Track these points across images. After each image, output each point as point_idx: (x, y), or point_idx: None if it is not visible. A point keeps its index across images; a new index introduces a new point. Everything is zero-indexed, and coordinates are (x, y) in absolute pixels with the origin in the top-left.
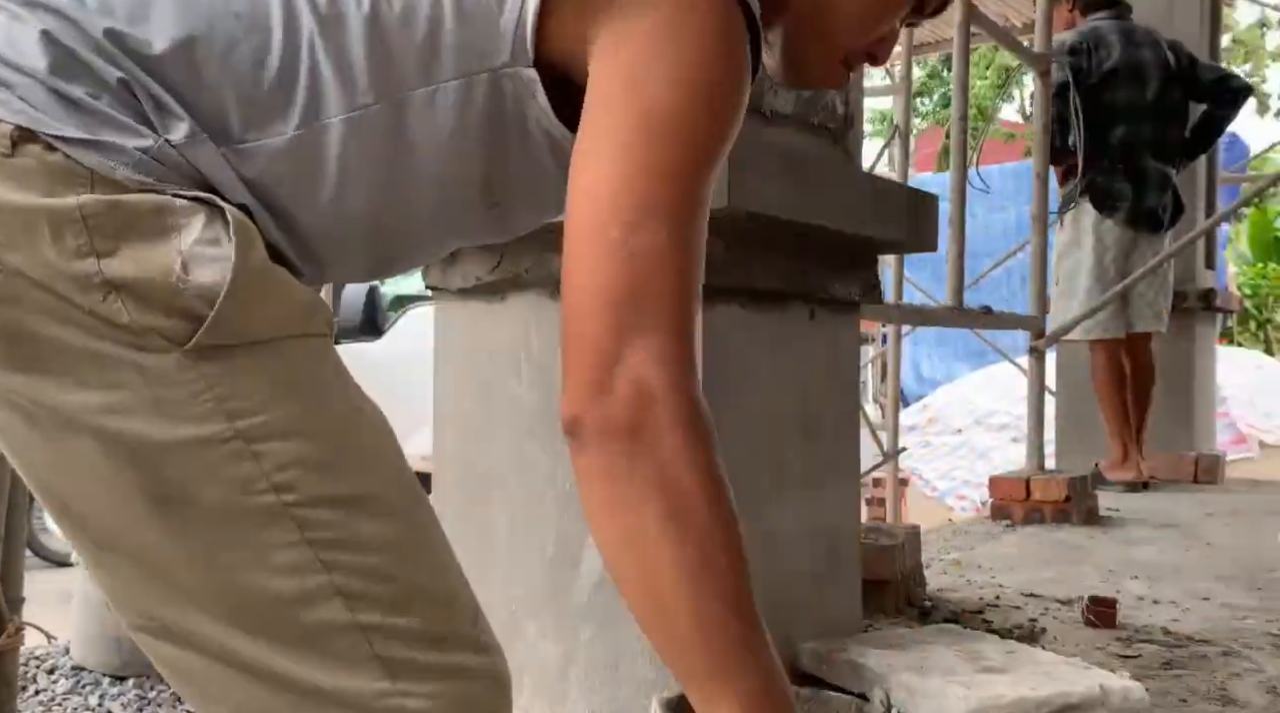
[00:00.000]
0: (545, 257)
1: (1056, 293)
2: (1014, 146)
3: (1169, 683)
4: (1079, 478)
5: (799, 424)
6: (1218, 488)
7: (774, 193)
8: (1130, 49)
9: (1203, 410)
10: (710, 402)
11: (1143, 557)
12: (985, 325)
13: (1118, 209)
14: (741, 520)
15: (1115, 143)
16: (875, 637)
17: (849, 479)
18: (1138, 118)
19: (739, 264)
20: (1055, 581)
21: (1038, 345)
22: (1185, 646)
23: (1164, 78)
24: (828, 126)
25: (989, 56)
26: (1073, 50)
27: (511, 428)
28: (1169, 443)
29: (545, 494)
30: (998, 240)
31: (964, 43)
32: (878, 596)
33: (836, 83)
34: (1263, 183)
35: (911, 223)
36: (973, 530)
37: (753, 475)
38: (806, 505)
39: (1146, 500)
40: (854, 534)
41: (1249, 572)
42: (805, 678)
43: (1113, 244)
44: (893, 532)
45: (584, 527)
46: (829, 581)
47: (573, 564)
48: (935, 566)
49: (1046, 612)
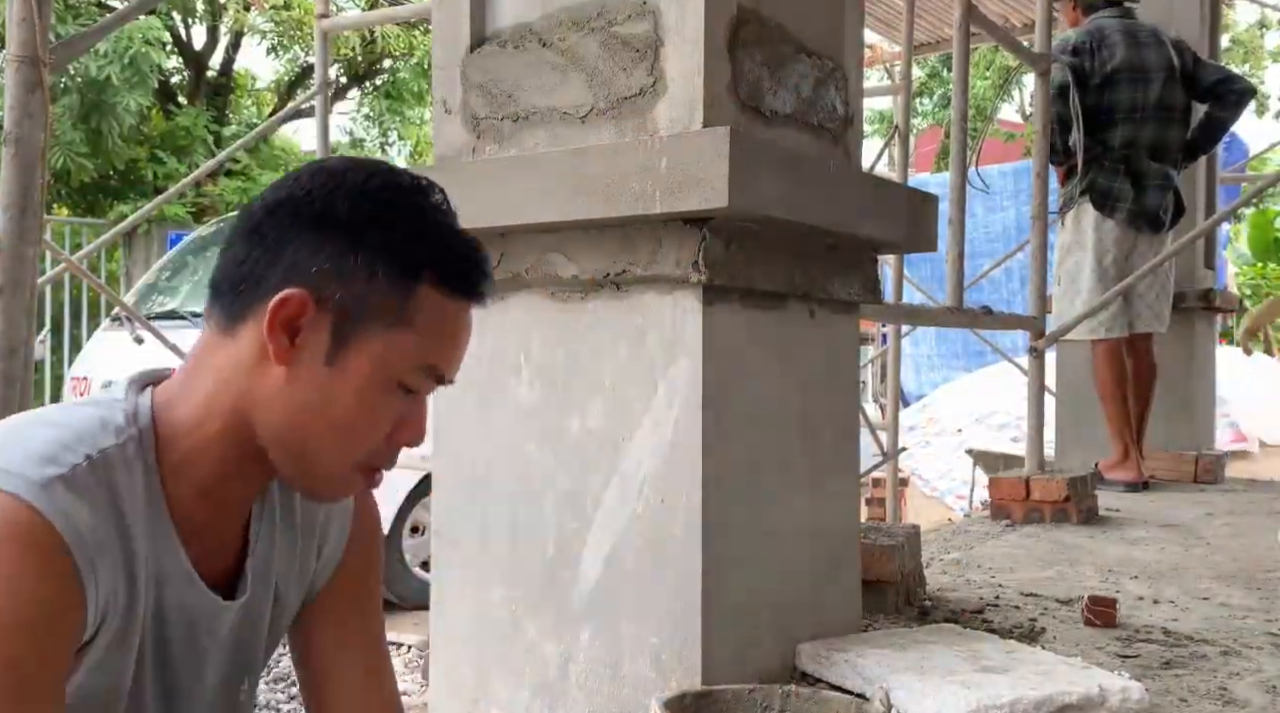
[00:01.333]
0: (545, 257)
1: (1059, 293)
2: (1014, 146)
3: (1169, 683)
4: (1079, 478)
5: (799, 424)
6: (1217, 488)
7: (774, 193)
8: (1134, 49)
9: (1203, 410)
10: (711, 402)
11: (1143, 556)
12: (985, 325)
13: (1118, 209)
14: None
15: (1116, 143)
16: (875, 637)
17: (849, 479)
18: (1140, 118)
19: (739, 264)
20: (1055, 580)
21: (1038, 345)
22: (1185, 645)
23: (1167, 78)
24: (827, 127)
25: (989, 56)
26: (1075, 50)
27: (511, 428)
28: (1169, 443)
29: (545, 494)
30: (997, 240)
31: (964, 43)
32: (878, 596)
33: (355, 489)
34: (1263, 183)
35: (911, 223)
36: (972, 530)
37: (752, 475)
38: (806, 505)
39: (1146, 500)
40: (854, 534)
41: (1248, 572)
42: (805, 678)
43: (1113, 245)
44: (892, 532)
45: (584, 526)
46: (829, 581)
47: (573, 564)
48: (935, 565)
49: (1046, 612)
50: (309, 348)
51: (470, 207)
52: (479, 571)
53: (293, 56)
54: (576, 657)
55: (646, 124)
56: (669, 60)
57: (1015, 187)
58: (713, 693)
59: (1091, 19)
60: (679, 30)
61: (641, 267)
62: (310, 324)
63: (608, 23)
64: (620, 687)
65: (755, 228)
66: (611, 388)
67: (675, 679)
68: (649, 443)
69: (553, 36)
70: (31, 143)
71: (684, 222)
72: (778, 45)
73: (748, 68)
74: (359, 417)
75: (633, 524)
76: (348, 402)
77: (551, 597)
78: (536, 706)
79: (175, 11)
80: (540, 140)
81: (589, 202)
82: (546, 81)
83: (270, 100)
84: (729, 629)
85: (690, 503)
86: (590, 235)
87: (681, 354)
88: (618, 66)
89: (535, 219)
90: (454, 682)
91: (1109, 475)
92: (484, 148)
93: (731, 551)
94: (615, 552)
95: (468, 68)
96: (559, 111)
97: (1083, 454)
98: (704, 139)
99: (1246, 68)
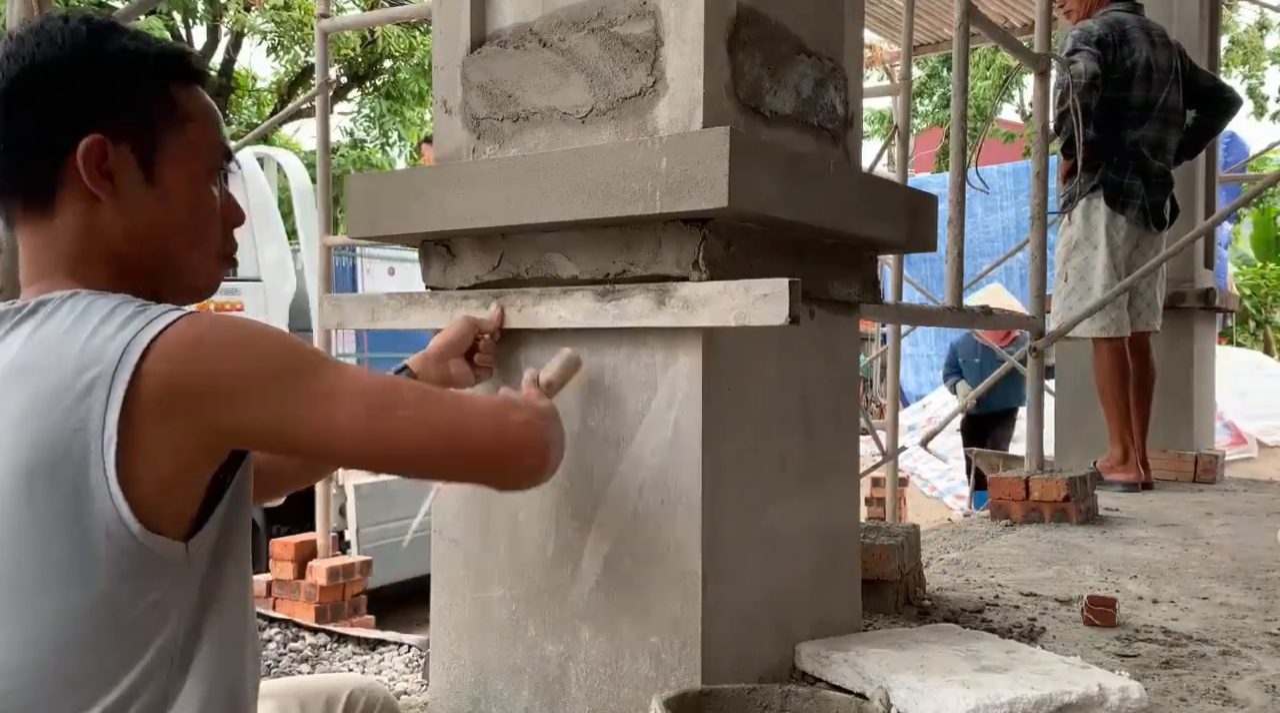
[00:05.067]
0: (545, 257)
1: (1065, 290)
2: (1014, 146)
3: (1168, 682)
4: (1078, 478)
5: (799, 423)
6: (1217, 488)
7: (774, 193)
8: (1150, 48)
9: (1202, 410)
10: (710, 401)
11: (1142, 556)
12: (985, 326)
13: (1129, 206)
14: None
15: (1127, 140)
16: (875, 636)
17: (849, 478)
18: (1148, 117)
19: (739, 264)
20: (1054, 580)
21: (1038, 345)
22: (1184, 645)
23: (1173, 80)
24: (827, 127)
25: (989, 56)
26: (1100, 42)
27: None
28: (1168, 443)
29: (545, 494)
30: (997, 240)
31: (964, 43)
32: (878, 595)
33: (221, 277)
34: (1263, 183)
35: (911, 223)
36: (972, 530)
37: (753, 474)
38: (807, 505)
39: (1145, 500)
40: (854, 533)
41: (1248, 572)
42: (805, 678)
43: (1123, 242)
44: (892, 531)
45: (584, 526)
46: (829, 580)
47: (573, 564)
48: (935, 565)
49: (1045, 611)
50: (126, 178)
51: (470, 206)
52: (479, 570)
53: (293, 57)
54: (576, 657)
55: (646, 124)
56: (669, 60)
57: (1015, 186)
58: (713, 693)
59: (1105, 11)
60: (679, 30)
61: (642, 266)
62: (116, 161)
63: (608, 23)
64: (620, 687)
65: (755, 228)
66: (611, 387)
67: (675, 679)
68: (649, 443)
69: (553, 37)
70: None
71: (684, 222)
72: (778, 45)
73: (748, 68)
74: (196, 213)
75: (633, 524)
76: (181, 205)
77: (552, 596)
78: (536, 705)
79: (176, 11)
80: (540, 140)
81: (589, 202)
82: (547, 82)
83: (270, 100)
84: (729, 629)
85: (690, 503)
86: (590, 235)
87: (681, 354)
88: (618, 67)
89: (535, 219)
90: (454, 681)
91: (1108, 476)
92: (484, 148)
93: (731, 550)
94: (615, 552)
95: (468, 68)
96: (559, 112)
97: (1082, 454)
98: (704, 139)
99: (1246, 68)
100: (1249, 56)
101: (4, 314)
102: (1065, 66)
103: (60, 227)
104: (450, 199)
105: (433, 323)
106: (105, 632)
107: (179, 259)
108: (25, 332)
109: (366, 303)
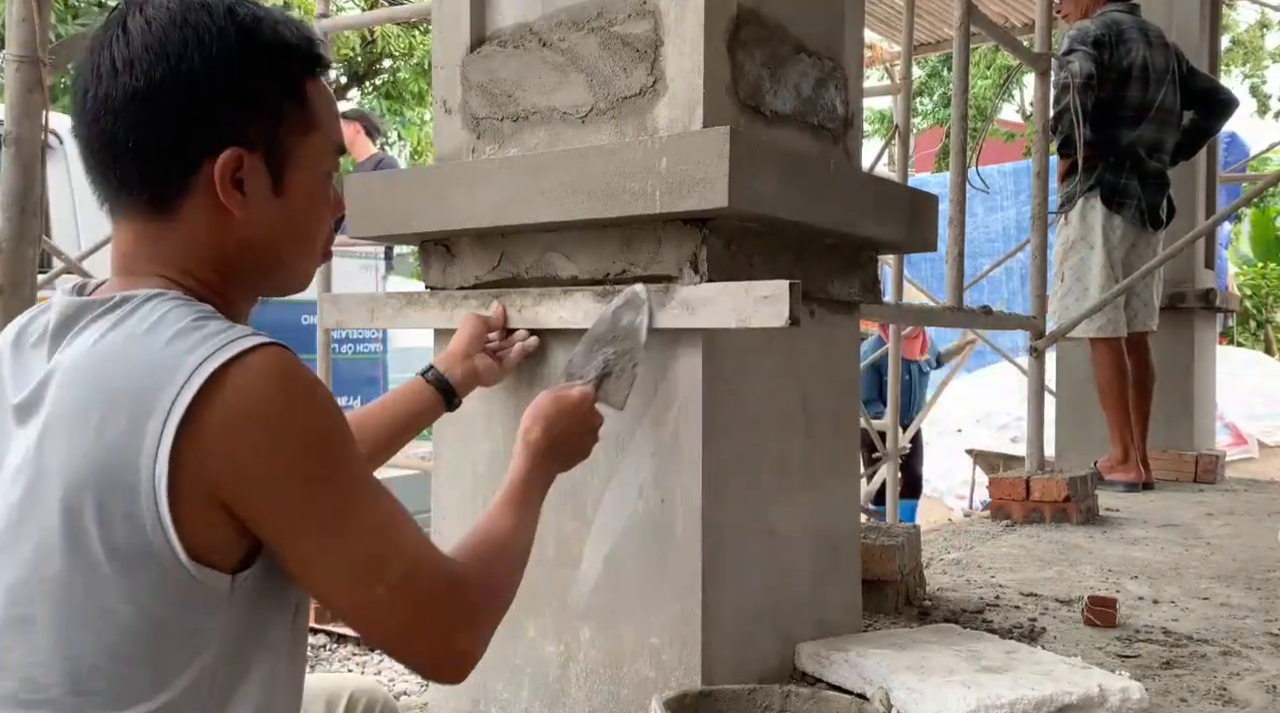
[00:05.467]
0: (545, 257)
1: (1062, 290)
2: (1014, 146)
3: (1169, 683)
4: (1078, 478)
5: (799, 424)
6: (1217, 488)
7: (774, 193)
8: (1147, 49)
9: (1202, 410)
10: (711, 402)
11: (1142, 556)
12: (985, 325)
13: (1126, 206)
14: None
15: (1124, 140)
16: (875, 637)
17: (849, 479)
18: (1145, 118)
19: (739, 264)
20: (1055, 580)
21: (1038, 345)
22: (1185, 645)
23: (1170, 81)
24: (827, 126)
25: (989, 56)
26: (1096, 43)
27: (511, 428)
28: (1169, 443)
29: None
30: (997, 240)
31: (964, 43)
32: (878, 596)
33: (315, 266)
34: (1263, 183)
35: (911, 223)
36: (973, 530)
37: (753, 475)
38: (806, 505)
39: (1146, 500)
40: (854, 534)
41: (1248, 572)
42: (805, 678)
43: (1120, 242)
44: (892, 532)
45: (584, 526)
46: (829, 580)
47: (573, 564)
48: (935, 566)
49: (1046, 612)
50: (254, 188)
51: (470, 206)
52: None
53: None
54: (576, 657)
55: (646, 124)
56: (669, 60)
57: (1015, 186)
58: (713, 693)
59: (1102, 11)
60: (679, 30)
61: (642, 266)
62: (248, 171)
63: (608, 23)
64: (620, 687)
65: (755, 228)
66: None
67: (675, 679)
68: (649, 443)
69: (553, 36)
70: (31, 143)
71: (684, 221)
72: (778, 45)
73: (748, 68)
74: (313, 217)
75: (633, 524)
76: (303, 211)
77: (552, 597)
78: (536, 706)
79: None
80: (540, 140)
81: (589, 201)
82: (546, 81)
83: None
84: (729, 629)
85: (690, 503)
86: (590, 235)
87: (681, 354)
88: (618, 66)
89: (535, 219)
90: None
91: (1109, 476)
92: (484, 148)
93: (731, 551)
94: (615, 552)
95: (468, 68)
96: (559, 111)
97: (1082, 454)
98: (704, 139)
99: (1247, 68)
100: (1249, 56)
101: (88, 304)
102: (1061, 67)
103: (176, 230)
104: (450, 199)
105: (432, 323)
106: (143, 647)
107: (288, 262)
108: (102, 327)
109: (365, 302)
